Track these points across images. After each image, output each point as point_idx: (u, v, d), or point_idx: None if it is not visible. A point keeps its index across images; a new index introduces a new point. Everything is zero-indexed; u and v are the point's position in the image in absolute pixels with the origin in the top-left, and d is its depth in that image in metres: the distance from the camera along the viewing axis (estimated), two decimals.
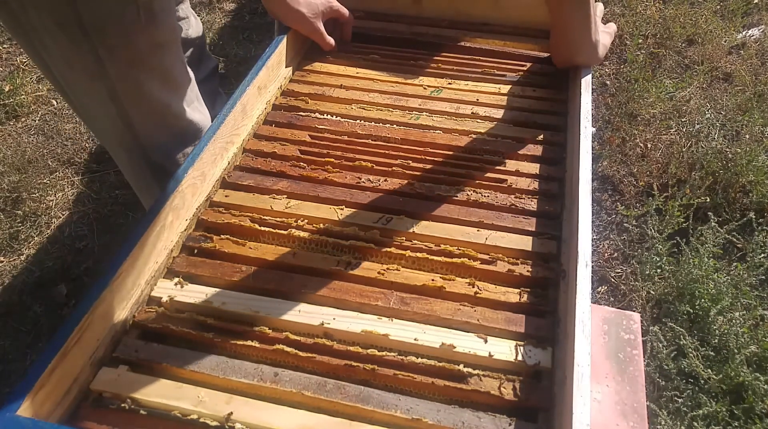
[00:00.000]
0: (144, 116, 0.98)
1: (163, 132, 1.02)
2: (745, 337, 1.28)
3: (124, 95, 0.93)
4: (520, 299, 0.67)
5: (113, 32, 0.85)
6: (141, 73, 0.92)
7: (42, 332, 1.44)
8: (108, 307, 0.61)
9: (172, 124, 1.02)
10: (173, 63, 0.97)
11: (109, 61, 0.88)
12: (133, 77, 0.92)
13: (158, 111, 0.98)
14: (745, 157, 1.68)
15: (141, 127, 0.99)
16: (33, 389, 0.52)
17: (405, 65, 1.04)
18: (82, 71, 0.89)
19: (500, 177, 0.82)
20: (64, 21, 0.82)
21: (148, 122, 0.99)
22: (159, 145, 1.03)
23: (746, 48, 2.24)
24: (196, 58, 1.26)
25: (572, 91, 0.94)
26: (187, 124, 1.04)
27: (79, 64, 0.88)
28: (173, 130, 1.03)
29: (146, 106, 0.96)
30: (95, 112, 0.98)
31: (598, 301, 1.49)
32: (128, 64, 0.90)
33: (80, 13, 0.81)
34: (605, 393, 0.87)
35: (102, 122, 1.00)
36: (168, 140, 1.03)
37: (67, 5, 0.80)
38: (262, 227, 0.75)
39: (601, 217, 1.69)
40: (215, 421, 0.56)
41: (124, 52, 0.88)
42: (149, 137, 1.01)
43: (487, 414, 0.56)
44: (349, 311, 0.66)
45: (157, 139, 1.02)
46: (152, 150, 1.03)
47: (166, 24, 0.92)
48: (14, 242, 1.63)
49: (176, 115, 1.01)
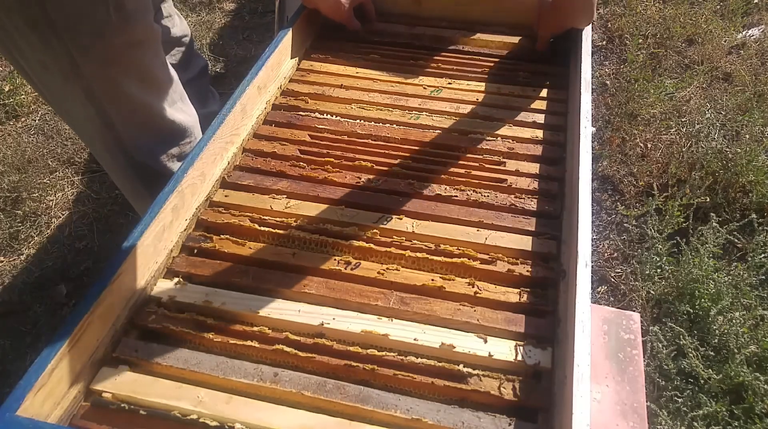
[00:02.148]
0: (124, 116, 0.97)
1: (145, 132, 1.01)
2: (745, 337, 1.28)
3: (102, 95, 0.92)
4: (520, 299, 0.67)
5: (85, 32, 0.84)
6: (117, 72, 0.91)
7: (42, 332, 1.44)
8: (108, 307, 0.61)
9: (153, 125, 1.01)
10: (152, 62, 0.96)
11: (83, 61, 0.87)
12: (110, 77, 0.91)
13: (138, 111, 0.98)
14: (745, 157, 1.68)
15: (122, 127, 0.98)
16: (33, 389, 0.52)
17: (405, 65, 1.04)
18: (58, 72, 0.88)
19: (500, 177, 0.82)
20: (34, 21, 0.81)
21: (129, 122, 0.98)
22: (141, 145, 1.02)
23: (746, 48, 2.24)
24: (184, 58, 1.25)
25: (572, 91, 0.94)
26: (170, 125, 1.03)
27: (53, 65, 0.87)
28: (155, 130, 1.02)
29: (125, 106, 0.96)
30: (75, 113, 0.98)
31: (598, 301, 1.49)
32: (103, 64, 0.89)
33: (49, 13, 0.80)
34: (605, 393, 0.87)
35: (83, 124, 1.00)
36: (150, 141, 1.02)
37: (36, 5, 0.79)
38: (262, 227, 0.75)
39: (601, 217, 1.69)
40: (215, 421, 0.56)
41: (97, 52, 0.87)
42: (131, 138, 1.00)
43: (486, 414, 0.56)
44: (349, 311, 0.66)
45: (140, 139, 1.01)
46: (135, 151, 1.02)
47: (141, 23, 0.91)
48: (14, 242, 1.63)
49: (158, 115, 1.00)
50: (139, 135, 1.01)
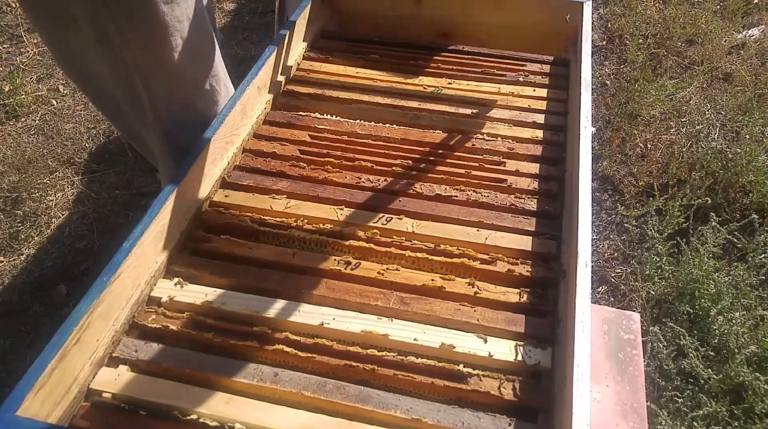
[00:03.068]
0: (159, 84, 0.96)
1: (178, 102, 1.00)
2: (745, 337, 1.28)
3: (140, 62, 0.91)
4: (520, 299, 0.66)
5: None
6: (160, 39, 0.90)
7: (42, 332, 1.44)
8: (108, 307, 0.61)
9: (188, 95, 1.00)
10: (195, 32, 0.95)
11: (125, 26, 0.86)
12: (151, 44, 0.90)
13: (176, 80, 0.97)
14: (745, 157, 1.68)
15: (157, 97, 0.97)
16: (33, 389, 0.52)
17: (405, 65, 1.04)
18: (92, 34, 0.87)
19: (500, 177, 0.82)
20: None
21: (164, 91, 0.97)
22: (174, 115, 1.01)
23: (746, 48, 2.24)
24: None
25: (572, 91, 0.94)
26: (205, 96, 1.01)
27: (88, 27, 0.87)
28: (190, 101, 1.01)
29: (162, 74, 0.95)
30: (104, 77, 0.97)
31: (598, 301, 1.49)
32: (146, 30, 0.88)
33: None
34: (605, 393, 0.87)
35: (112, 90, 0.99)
36: (183, 112, 1.01)
37: None
38: (262, 227, 0.75)
39: (601, 217, 1.69)
40: (215, 421, 0.56)
41: (141, 18, 0.86)
42: (166, 107, 0.99)
43: (486, 414, 0.56)
44: (349, 311, 0.66)
45: (172, 108, 1.00)
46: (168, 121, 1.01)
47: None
48: (14, 242, 1.63)
49: (194, 86, 1.00)
50: (176, 106, 1.00)
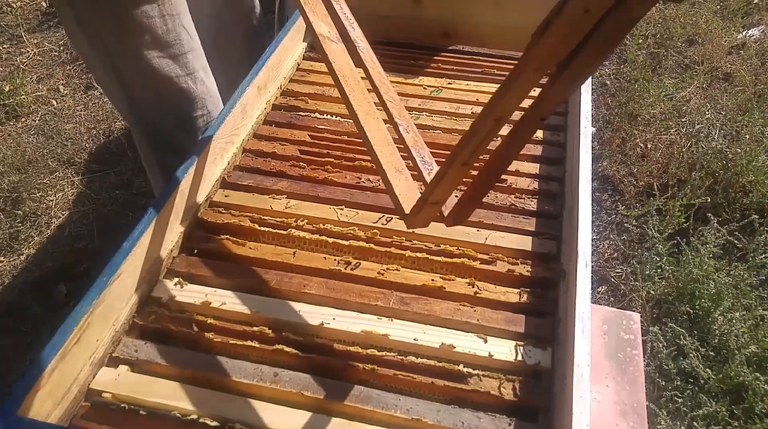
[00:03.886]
0: (137, 77, 0.98)
1: (157, 96, 1.01)
2: (745, 337, 1.28)
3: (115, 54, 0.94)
4: (520, 299, 0.66)
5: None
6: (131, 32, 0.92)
7: (42, 332, 1.44)
8: (108, 307, 0.61)
9: (165, 89, 1.01)
10: (171, 25, 0.96)
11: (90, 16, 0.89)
12: (122, 35, 0.92)
13: (152, 73, 0.98)
14: (745, 157, 1.68)
15: (136, 88, 0.99)
16: (33, 389, 0.52)
17: (405, 65, 1.04)
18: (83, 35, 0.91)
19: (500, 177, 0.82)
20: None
21: (142, 83, 0.99)
22: (152, 108, 1.02)
23: (746, 48, 2.24)
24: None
25: None
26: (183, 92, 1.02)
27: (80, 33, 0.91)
28: (166, 95, 1.02)
29: (138, 66, 0.96)
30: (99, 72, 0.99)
31: (598, 301, 1.49)
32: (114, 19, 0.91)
33: None
34: (605, 393, 0.87)
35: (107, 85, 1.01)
36: (161, 105, 1.03)
37: None
38: (262, 227, 0.75)
39: (601, 217, 1.69)
40: (215, 421, 0.56)
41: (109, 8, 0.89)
42: (144, 100, 1.01)
43: (486, 414, 0.56)
44: (349, 311, 0.66)
45: (149, 101, 1.01)
46: (146, 113, 1.03)
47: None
48: (14, 242, 1.63)
49: (170, 80, 1.00)
50: (150, 97, 1.01)
